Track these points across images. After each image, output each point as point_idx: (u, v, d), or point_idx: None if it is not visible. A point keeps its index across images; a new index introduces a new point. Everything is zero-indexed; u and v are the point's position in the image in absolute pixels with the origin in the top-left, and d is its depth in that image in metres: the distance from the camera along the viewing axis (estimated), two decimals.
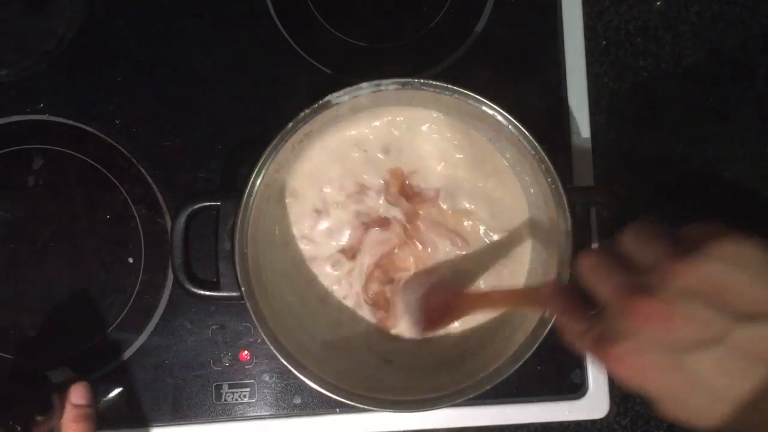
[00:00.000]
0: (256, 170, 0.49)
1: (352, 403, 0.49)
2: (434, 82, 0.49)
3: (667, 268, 0.31)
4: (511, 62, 0.62)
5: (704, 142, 0.63)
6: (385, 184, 0.56)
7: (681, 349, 0.31)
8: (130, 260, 0.60)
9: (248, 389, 0.58)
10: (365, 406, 0.50)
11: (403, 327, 0.56)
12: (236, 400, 0.58)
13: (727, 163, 0.63)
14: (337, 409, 0.59)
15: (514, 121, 0.49)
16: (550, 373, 0.59)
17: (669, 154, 0.63)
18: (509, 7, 0.62)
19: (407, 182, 0.56)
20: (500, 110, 0.49)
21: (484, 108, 0.50)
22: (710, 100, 0.63)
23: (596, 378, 0.59)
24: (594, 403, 0.59)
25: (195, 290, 0.51)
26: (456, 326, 0.56)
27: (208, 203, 0.50)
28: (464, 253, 0.56)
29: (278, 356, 0.49)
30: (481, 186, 0.56)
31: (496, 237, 0.56)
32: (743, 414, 0.31)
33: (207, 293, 0.51)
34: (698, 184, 0.62)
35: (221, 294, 0.50)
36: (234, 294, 0.50)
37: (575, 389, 0.59)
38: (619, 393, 0.62)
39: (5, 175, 0.60)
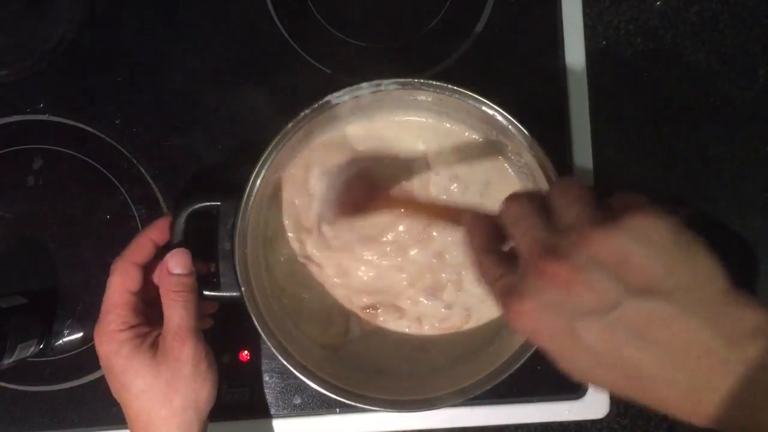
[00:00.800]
0: (256, 170, 0.49)
1: (352, 403, 0.49)
2: (434, 83, 0.49)
3: (582, 234, 0.32)
4: (511, 62, 0.62)
5: (704, 142, 0.63)
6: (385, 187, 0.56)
7: (575, 313, 0.32)
8: None
9: (248, 389, 0.58)
10: (365, 406, 0.50)
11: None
12: (236, 400, 0.58)
13: (727, 164, 0.63)
14: (337, 409, 0.59)
15: (514, 121, 0.49)
16: (550, 373, 0.58)
17: (669, 154, 0.63)
18: (509, 7, 0.62)
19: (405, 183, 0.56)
20: (500, 110, 0.49)
21: (484, 108, 0.50)
22: (710, 100, 0.63)
23: None
24: (594, 403, 0.59)
25: None
26: (456, 327, 0.56)
27: (209, 203, 0.50)
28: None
29: (278, 356, 0.49)
30: (481, 187, 0.56)
31: None
32: (622, 380, 0.33)
33: (207, 293, 0.51)
34: (698, 184, 0.62)
35: (221, 294, 0.50)
36: (234, 294, 0.50)
37: (575, 389, 0.59)
38: None
39: (5, 175, 0.60)
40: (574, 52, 0.61)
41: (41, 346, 0.58)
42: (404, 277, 0.55)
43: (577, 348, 0.33)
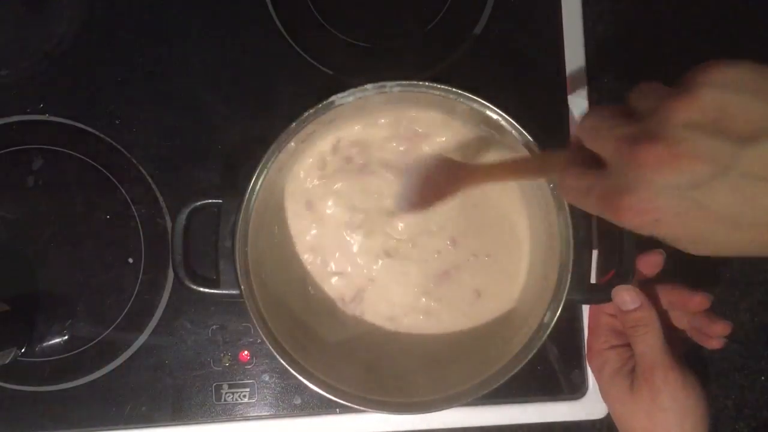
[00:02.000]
0: (259, 169, 0.49)
1: (352, 405, 0.49)
2: (438, 85, 0.49)
3: (666, 108, 0.31)
4: (511, 62, 0.62)
5: None
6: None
7: (693, 185, 0.31)
8: (130, 260, 0.60)
9: (248, 389, 0.58)
10: (365, 408, 0.49)
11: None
12: (236, 400, 0.58)
13: None
14: (337, 410, 0.59)
15: (518, 126, 0.49)
16: (550, 373, 0.59)
17: None
18: (509, 8, 0.62)
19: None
20: (504, 115, 0.49)
21: (488, 112, 0.50)
22: None
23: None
24: (594, 403, 0.59)
25: (195, 287, 0.51)
26: (456, 328, 0.56)
27: (210, 201, 0.50)
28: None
29: (277, 356, 0.49)
30: (480, 189, 0.56)
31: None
32: (765, 234, 0.31)
33: (207, 291, 0.51)
34: None
35: (221, 292, 0.50)
36: (234, 292, 0.50)
37: (575, 389, 0.59)
38: None
39: (5, 175, 0.60)
40: (574, 52, 0.61)
41: (22, 351, 0.58)
42: (409, 278, 0.56)
43: (710, 221, 0.31)
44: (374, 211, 0.56)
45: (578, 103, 0.61)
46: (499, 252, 0.56)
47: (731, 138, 0.30)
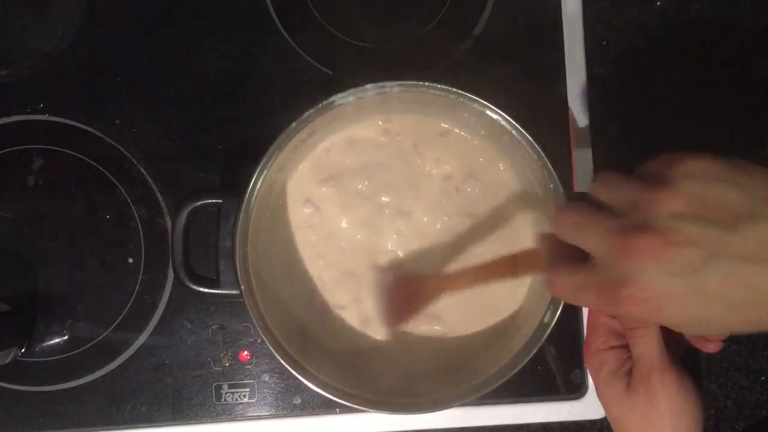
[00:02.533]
0: (259, 169, 0.49)
1: (352, 405, 0.49)
2: (439, 85, 0.49)
3: (649, 200, 0.32)
4: (511, 63, 0.62)
5: (704, 143, 0.63)
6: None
7: (688, 272, 0.32)
8: (130, 260, 0.60)
9: (248, 389, 0.58)
10: (365, 408, 0.49)
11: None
12: (236, 400, 0.58)
13: None
14: (337, 409, 0.59)
15: (518, 126, 0.49)
16: (550, 373, 0.59)
17: None
18: (509, 8, 0.62)
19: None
20: (505, 115, 0.49)
21: (488, 112, 0.50)
22: (710, 100, 0.63)
23: None
24: (594, 403, 0.59)
25: (194, 287, 0.51)
26: (460, 331, 0.56)
27: (211, 200, 0.50)
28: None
29: (277, 356, 0.49)
30: (482, 190, 0.56)
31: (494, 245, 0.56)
32: (760, 312, 0.33)
33: (206, 290, 0.51)
34: None
35: (221, 291, 0.50)
36: (233, 292, 0.49)
37: (575, 389, 0.59)
38: None
39: (5, 175, 0.60)
40: (574, 52, 0.61)
41: (22, 351, 0.58)
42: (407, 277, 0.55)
43: (708, 304, 0.33)
44: (375, 211, 0.56)
45: (578, 102, 0.61)
46: (501, 253, 0.56)
47: (716, 225, 0.32)
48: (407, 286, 0.53)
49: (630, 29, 0.64)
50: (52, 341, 0.59)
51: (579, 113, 0.61)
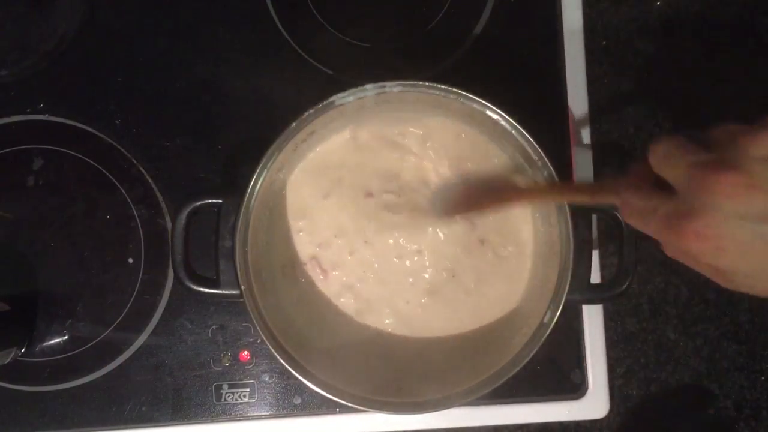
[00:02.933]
0: (259, 169, 0.49)
1: (352, 405, 0.49)
2: (439, 86, 0.49)
3: (745, 139, 0.32)
4: (511, 63, 0.62)
5: None
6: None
7: (761, 219, 0.32)
8: (130, 260, 0.60)
9: (248, 389, 0.58)
10: (364, 408, 0.49)
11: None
12: (236, 400, 0.58)
13: None
14: (337, 409, 0.59)
15: (518, 126, 0.49)
16: (550, 373, 0.59)
17: None
18: (509, 8, 0.62)
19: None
20: (505, 115, 0.49)
21: (488, 112, 0.50)
22: (710, 100, 0.63)
23: (596, 378, 0.59)
24: (594, 403, 0.59)
25: (194, 287, 0.51)
26: (459, 329, 0.56)
27: (211, 200, 0.50)
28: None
29: (276, 356, 0.49)
30: (482, 189, 0.56)
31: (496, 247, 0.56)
32: None
33: (206, 290, 0.51)
34: None
35: (220, 291, 0.50)
36: (233, 292, 0.49)
37: (575, 389, 0.59)
38: (619, 393, 0.62)
39: (5, 175, 0.60)
40: (574, 52, 0.61)
41: (22, 351, 0.58)
42: (409, 279, 0.56)
43: None
44: (375, 211, 0.56)
45: (578, 102, 0.61)
46: (503, 254, 0.56)
47: None
48: (489, 184, 0.52)
49: (630, 29, 0.64)
50: (52, 341, 0.59)
51: (579, 113, 0.61)
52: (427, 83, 0.49)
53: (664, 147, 0.36)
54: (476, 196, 0.53)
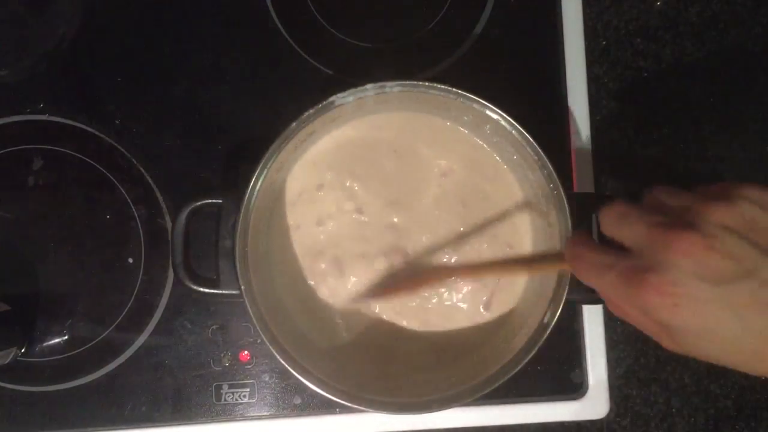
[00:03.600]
0: (259, 169, 0.49)
1: (351, 405, 0.49)
2: (439, 86, 0.49)
3: (703, 207, 0.34)
4: (511, 63, 0.62)
5: (704, 143, 0.63)
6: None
7: (717, 281, 0.33)
8: (130, 260, 0.60)
9: (248, 389, 0.58)
10: (365, 408, 0.49)
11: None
12: (236, 400, 0.58)
13: (727, 164, 0.63)
14: (337, 409, 0.59)
15: (518, 126, 0.49)
16: (550, 373, 0.59)
17: (669, 154, 0.63)
18: (509, 8, 0.62)
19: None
20: (504, 115, 0.49)
21: (488, 112, 0.50)
22: (710, 100, 0.63)
23: (596, 378, 0.59)
24: (594, 403, 0.59)
25: (195, 287, 0.50)
26: (457, 328, 0.56)
27: (210, 200, 0.50)
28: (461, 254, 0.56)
29: (276, 356, 0.49)
30: (481, 190, 0.56)
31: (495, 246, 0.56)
32: (765, 348, 0.34)
33: (206, 290, 0.51)
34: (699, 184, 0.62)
35: (221, 292, 0.50)
36: (233, 292, 0.49)
37: (575, 389, 0.59)
38: (619, 393, 0.62)
39: (5, 175, 0.60)
40: (574, 52, 0.61)
41: (22, 351, 0.58)
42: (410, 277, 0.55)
43: (724, 318, 0.33)
44: (375, 211, 0.56)
45: (578, 102, 0.61)
46: (501, 253, 0.56)
47: (758, 248, 0.33)
48: (410, 272, 0.53)
49: (630, 29, 0.64)
50: (52, 341, 0.59)
51: (579, 113, 0.61)
52: (427, 83, 0.49)
53: (619, 209, 0.38)
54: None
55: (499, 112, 0.49)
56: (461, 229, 0.55)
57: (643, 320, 0.36)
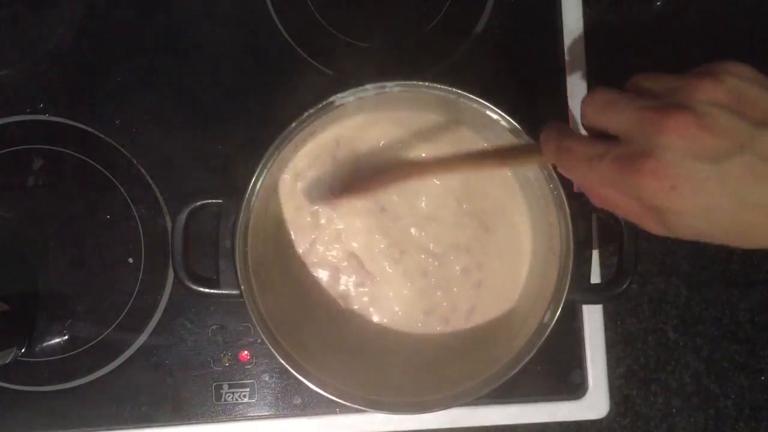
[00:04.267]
0: (259, 169, 0.49)
1: (352, 405, 0.49)
2: (439, 85, 0.49)
3: (691, 86, 0.34)
4: (511, 63, 0.62)
5: None
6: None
7: (713, 158, 0.32)
8: (130, 260, 0.60)
9: (248, 389, 0.58)
10: (365, 408, 0.49)
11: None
12: (236, 400, 0.58)
13: None
14: (337, 409, 0.59)
15: (518, 126, 0.49)
16: (550, 373, 0.59)
17: None
18: (509, 8, 0.62)
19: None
20: (504, 115, 0.49)
21: (488, 112, 0.50)
22: None
23: (596, 378, 0.59)
24: (594, 403, 0.59)
25: (195, 287, 0.50)
26: (457, 328, 0.56)
27: (210, 200, 0.50)
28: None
29: (277, 356, 0.49)
30: (481, 189, 0.56)
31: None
32: (763, 220, 0.33)
33: (206, 290, 0.51)
34: None
35: (220, 291, 0.50)
36: (233, 292, 0.50)
37: (575, 389, 0.59)
38: (619, 393, 0.62)
39: (5, 175, 0.60)
40: (574, 53, 0.61)
41: (22, 351, 0.58)
42: (409, 279, 0.56)
43: (722, 195, 0.33)
44: (375, 210, 0.56)
45: (578, 103, 0.61)
46: (501, 253, 0.56)
47: (749, 121, 0.33)
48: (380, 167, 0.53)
49: (630, 29, 0.64)
50: (52, 341, 0.59)
51: (579, 113, 0.61)
52: (427, 83, 0.49)
53: (604, 96, 0.37)
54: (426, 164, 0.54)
55: (499, 112, 0.49)
56: (463, 226, 0.56)
57: (630, 207, 0.36)
